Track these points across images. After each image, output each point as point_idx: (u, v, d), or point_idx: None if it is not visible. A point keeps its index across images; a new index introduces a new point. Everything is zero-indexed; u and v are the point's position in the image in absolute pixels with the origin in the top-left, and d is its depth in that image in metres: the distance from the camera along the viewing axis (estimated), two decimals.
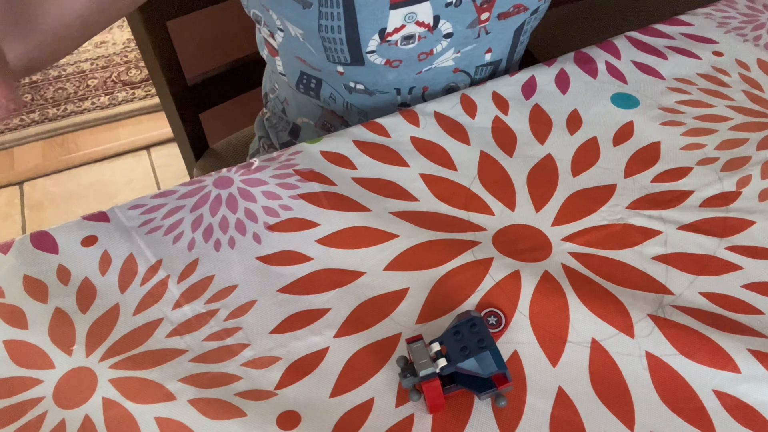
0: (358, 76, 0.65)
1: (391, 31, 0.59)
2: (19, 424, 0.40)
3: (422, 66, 0.64)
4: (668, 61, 0.66)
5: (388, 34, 0.59)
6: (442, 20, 0.60)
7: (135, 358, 0.43)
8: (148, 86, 2.01)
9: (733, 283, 0.47)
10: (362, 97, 0.68)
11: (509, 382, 0.39)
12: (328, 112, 0.72)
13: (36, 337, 0.44)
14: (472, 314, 0.41)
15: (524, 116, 0.60)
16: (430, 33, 0.61)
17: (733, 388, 0.41)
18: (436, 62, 0.65)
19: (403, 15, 0.58)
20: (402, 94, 0.67)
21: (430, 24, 0.60)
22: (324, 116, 0.73)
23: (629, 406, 0.40)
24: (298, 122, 0.77)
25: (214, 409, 0.41)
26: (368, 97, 0.68)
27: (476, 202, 0.53)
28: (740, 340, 0.43)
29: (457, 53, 0.65)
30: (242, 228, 0.51)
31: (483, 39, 0.65)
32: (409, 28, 0.60)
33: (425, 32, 0.61)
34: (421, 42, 0.61)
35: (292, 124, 0.78)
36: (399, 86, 0.66)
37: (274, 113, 0.81)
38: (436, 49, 0.63)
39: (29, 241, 0.50)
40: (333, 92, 0.69)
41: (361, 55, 0.61)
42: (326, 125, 0.74)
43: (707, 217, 0.51)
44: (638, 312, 0.45)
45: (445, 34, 0.62)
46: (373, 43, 0.60)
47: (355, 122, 0.71)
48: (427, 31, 0.61)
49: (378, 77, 0.65)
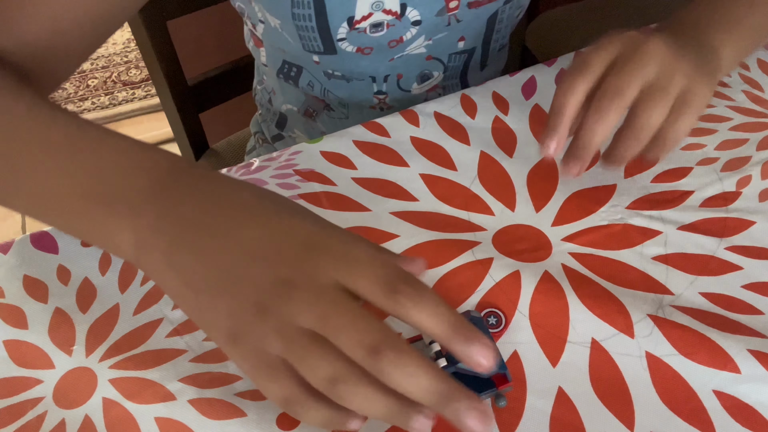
0: (333, 64, 0.66)
1: (359, 19, 0.60)
2: (19, 424, 0.40)
3: (394, 53, 0.66)
4: None
5: (356, 21, 0.60)
6: (409, 8, 0.61)
7: (135, 358, 0.43)
8: (148, 86, 2.01)
9: (733, 283, 0.47)
10: (339, 83, 0.69)
11: (509, 383, 0.39)
12: (310, 98, 0.74)
13: (36, 337, 0.44)
14: (472, 314, 0.41)
15: (524, 116, 0.60)
16: (398, 20, 0.62)
17: (732, 388, 0.41)
18: (407, 49, 0.66)
19: (369, 3, 0.59)
20: (377, 81, 0.69)
21: (397, 12, 0.61)
22: (307, 101, 0.74)
23: (629, 406, 0.40)
24: (284, 110, 0.78)
25: (214, 409, 0.41)
26: (345, 83, 0.69)
27: (476, 202, 0.53)
28: (740, 341, 0.43)
29: (428, 41, 0.66)
30: None
31: (454, 27, 0.66)
32: (376, 16, 0.61)
33: (393, 20, 0.62)
34: (390, 30, 0.62)
35: (279, 113, 0.79)
36: (374, 74, 0.68)
37: (262, 105, 0.82)
38: (405, 37, 0.64)
39: (29, 242, 0.50)
40: (312, 80, 0.70)
41: (333, 44, 0.62)
42: (309, 110, 0.75)
43: (707, 218, 0.51)
44: (638, 312, 0.45)
45: (413, 21, 0.63)
46: (342, 31, 0.61)
47: (335, 106, 0.72)
48: (394, 18, 0.62)
49: (352, 65, 0.66)
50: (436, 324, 0.31)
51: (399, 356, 0.30)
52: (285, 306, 0.31)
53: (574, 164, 0.46)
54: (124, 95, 1.99)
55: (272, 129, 0.82)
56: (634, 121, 0.45)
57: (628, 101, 0.44)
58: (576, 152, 0.46)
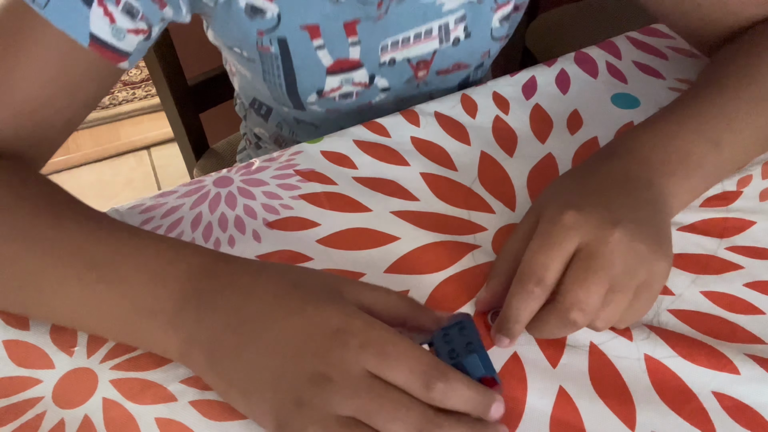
0: (303, 116, 0.68)
1: (328, 91, 0.62)
2: (18, 423, 0.40)
3: (363, 111, 0.67)
4: (669, 60, 0.66)
5: (325, 92, 0.62)
6: (378, 77, 0.63)
7: (136, 360, 0.43)
8: (148, 86, 2.01)
9: (734, 282, 0.47)
10: (308, 128, 0.71)
11: (498, 386, 0.39)
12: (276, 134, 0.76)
13: (37, 338, 0.44)
14: (462, 317, 0.41)
15: (525, 116, 0.60)
16: (366, 89, 0.64)
17: (732, 389, 0.41)
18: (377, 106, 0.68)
19: (339, 79, 0.61)
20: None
21: (366, 83, 0.63)
22: (276, 132, 0.75)
23: (630, 405, 0.40)
24: (256, 131, 0.80)
25: (215, 410, 0.41)
26: (314, 128, 0.71)
27: (477, 202, 0.53)
28: (738, 348, 0.43)
29: (398, 99, 0.68)
30: (241, 226, 0.51)
31: (423, 89, 0.68)
32: (345, 88, 0.63)
33: (362, 90, 0.63)
34: (358, 97, 0.64)
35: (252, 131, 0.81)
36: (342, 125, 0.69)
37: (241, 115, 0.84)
38: (374, 101, 0.66)
39: None
40: (281, 121, 0.72)
41: (303, 105, 0.64)
42: (279, 140, 0.76)
43: (707, 218, 0.51)
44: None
45: (381, 88, 0.64)
46: (312, 98, 0.63)
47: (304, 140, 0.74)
48: (363, 88, 0.63)
49: (321, 117, 0.67)
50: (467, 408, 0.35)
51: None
52: (322, 399, 0.34)
53: (502, 340, 0.42)
54: (124, 95, 1.98)
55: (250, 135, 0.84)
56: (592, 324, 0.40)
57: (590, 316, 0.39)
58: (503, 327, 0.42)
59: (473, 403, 0.35)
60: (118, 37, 0.47)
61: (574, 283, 0.39)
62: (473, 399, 0.35)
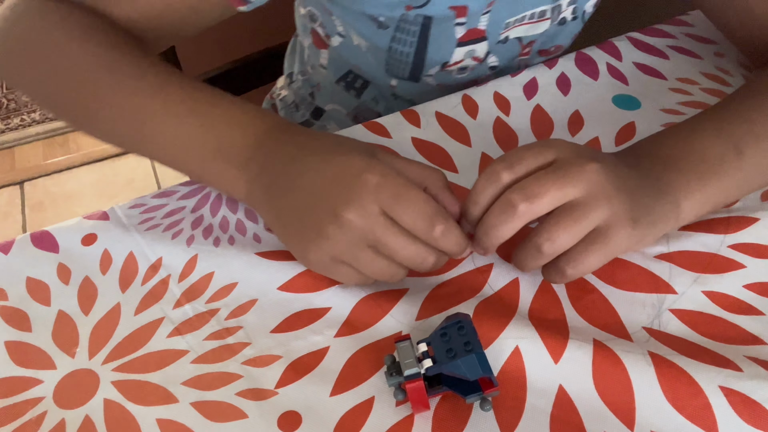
0: (408, 89, 0.70)
1: (451, 64, 0.65)
2: (18, 423, 0.40)
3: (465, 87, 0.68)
4: (670, 60, 0.66)
5: (448, 65, 0.65)
6: (491, 55, 0.66)
7: (138, 361, 0.43)
8: None
9: (735, 283, 0.47)
10: (405, 105, 0.71)
11: (495, 387, 0.39)
12: (364, 108, 0.75)
13: (39, 340, 0.44)
14: (460, 316, 0.40)
15: (526, 117, 0.60)
16: (479, 65, 0.67)
17: (738, 384, 0.41)
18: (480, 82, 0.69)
19: (465, 51, 0.64)
20: None
21: (482, 58, 0.66)
22: (359, 108, 0.75)
23: (631, 404, 0.40)
24: (327, 108, 0.79)
25: (216, 411, 0.41)
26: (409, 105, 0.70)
27: None
28: (738, 350, 0.43)
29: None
30: (242, 228, 0.51)
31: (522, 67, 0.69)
32: (466, 62, 0.66)
33: (476, 65, 0.66)
34: (470, 72, 0.67)
35: (316, 107, 0.80)
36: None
37: (298, 94, 0.82)
38: (480, 78, 0.69)
39: (30, 241, 0.50)
40: (378, 96, 0.73)
41: (420, 76, 0.67)
42: (358, 117, 0.77)
43: (710, 218, 0.51)
44: (634, 324, 0.45)
45: (491, 65, 0.67)
46: (433, 70, 0.66)
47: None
48: (477, 63, 0.66)
49: (426, 95, 0.68)
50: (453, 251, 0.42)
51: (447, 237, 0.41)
52: (340, 232, 0.41)
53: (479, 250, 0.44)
54: None
55: (298, 117, 0.83)
56: (534, 238, 0.41)
57: (535, 214, 0.41)
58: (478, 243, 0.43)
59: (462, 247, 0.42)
60: None
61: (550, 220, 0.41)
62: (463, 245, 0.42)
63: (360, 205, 0.40)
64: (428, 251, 0.41)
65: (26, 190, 1.77)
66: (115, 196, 1.72)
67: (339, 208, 0.40)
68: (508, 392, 0.41)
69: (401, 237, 0.41)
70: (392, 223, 0.41)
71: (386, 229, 0.40)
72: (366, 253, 0.41)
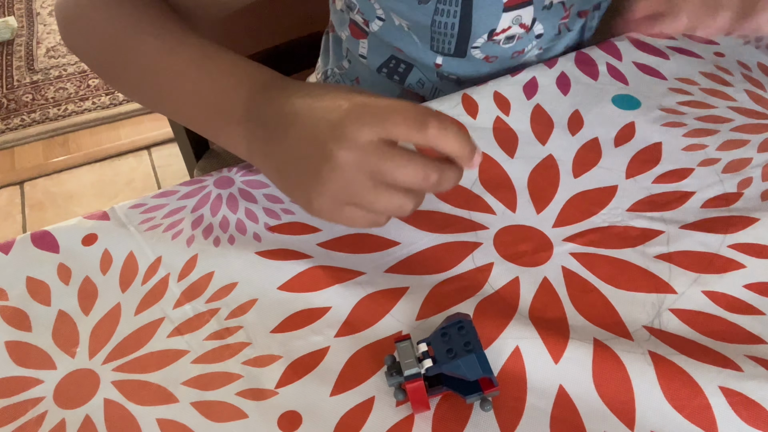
0: (455, 67, 0.69)
1: (498, 32, 0.64)
2: (19, 423, 0.40)
3: (512, 63, 0.69)
4: (670, 60, 0.66)
5: (495, 33, 0.64)
6: (537, 22, 0.65)
7: (138, 361, 0.43)
8: None
9: (736, 283, 0.47)
10: (450, 85, 0.71)
11: (495, 387, 0.39)
12: (409, 93, 0.75)
13: (39, 340, 0.44)
14: (461, 316, 0.41)
15: (526, 117, 0.60)
16: (526, 33, 0.65)
17: (738, 384, 0.41)
18: (523, 59, 0.69)
19: (511, 17, 0.63)
20: None
21: (528, 25, 0.65)
22: (402, 96, 0.75)
23: (631, 404, 0.40)
24: None
25: (216, 411, 0.41)
26: (456, 85, 0.71)
27: (478, 203, 0.53)
28: (737, 348, 0.43)
29: (540, 50, 0.70)
30: (242, 228, 0.51)
31: (563, 35, 0.70)
32: (513, 30, 0.64)
33: (523, 33, 0.65)
34: (517, 42, 0.66)
35: None
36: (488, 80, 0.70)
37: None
38: (526, 48, 0.67)
39: (30, 241, 0.50)
40: (423, 78, 0.72)
41: (466, 50, 0.66)
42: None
43: (709, 217, 0.51)
44: (634, 324, 0.45)
45: (536, 35, 0.66)
46: (480, 41, 0.64)
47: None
48: (524, 32, 0.65)
49: (473, 70, 0.69)
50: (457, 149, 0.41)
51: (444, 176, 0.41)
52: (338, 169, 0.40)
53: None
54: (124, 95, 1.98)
55: None
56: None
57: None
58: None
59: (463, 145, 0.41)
60: None
61: None
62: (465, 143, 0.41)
63: (350, 138, 0.40)
64: (429, 166, 0.41)
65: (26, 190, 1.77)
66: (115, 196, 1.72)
67: (330, 145, 0.40)
68: (508, 392, 0.41)
69: (397, 157, 0.40)
70: (386, 147, 0.40)
71: (381, 153, 0.40)
72: (367, 187, 0.41)
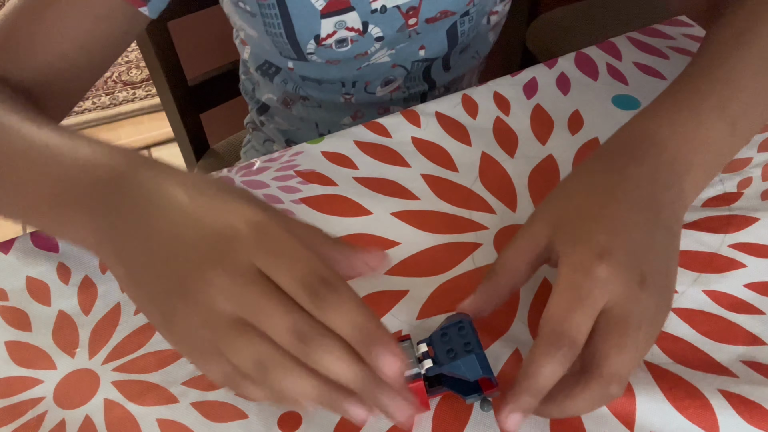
0: (306, 70, 0.71)
1: (324, 37, 0.64)
2: (19, 423, 0.40)
3: (360, 63, 0.69)
4: (670, 60, 0.66)
5: (322, 39, 0.64)
6: (371, 25, 0.65)
7: (138, 361, 0.43)
8: (148, 86, 2.01)
9: (736, 282, 0.47)
10: (312, 85, 0.73)
11: (495, 387, 0.39)
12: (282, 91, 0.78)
13: (39, 340, 0.44)
14: (461, 316, 0.40)
15: (525, 116, 0.60)
16: (361, 36, 0.65)
17: (736, 388, 0.41)
18: (372, 59, 0.69)
19: (333, 23, 0.63)
20: (346, 87, 0.73)
21: (360, 29, 0.64)
22: (285, 93, 0.78)
23: (631, 405, 0.40)
24: (265, 99, 0.82)
25: (216, 411, 0.41)
26: (317, 85, 0.73)
27: (478, 203, 0.53)
28: (734, 352, 0.43)
29: (391, 50, 0.69)
30: None
31: (415, 39, 0.69)
32: (340, 34, 0.64)
33: (356, 36, 0.65)
34: (354, 45, 0.66)
35: (261, 102, 0.82)
36: (343, 80, 0.72)
37: (246, 93, 0.85)
38: (370, 50, 0.68)
39: (30, 240, 0.50)
40: (287, 78, 0.74)
41: (304, 56, 0.66)
42: (286, 100, 0.79)
43: (710, 216, 0.51)
44: None
45: (376, 37, 0.66)
46: (310, 47, 0.65)
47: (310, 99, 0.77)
48: (358, 35, 0.65)
49: (322, 72, 0.70)
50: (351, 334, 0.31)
51: (321, 341, 0.31)
52: (206, 291, 0.32)
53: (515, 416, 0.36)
54: (124, 95, 1.99)
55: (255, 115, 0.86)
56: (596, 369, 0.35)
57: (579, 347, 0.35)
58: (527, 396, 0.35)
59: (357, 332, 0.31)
60: None
61: (611, 349, 0.35)
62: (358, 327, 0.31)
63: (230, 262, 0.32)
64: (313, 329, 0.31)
65: None
66: None
67: (205, 263, 0.32)
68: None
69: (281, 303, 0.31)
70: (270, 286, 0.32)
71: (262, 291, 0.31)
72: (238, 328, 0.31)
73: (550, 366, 0.35)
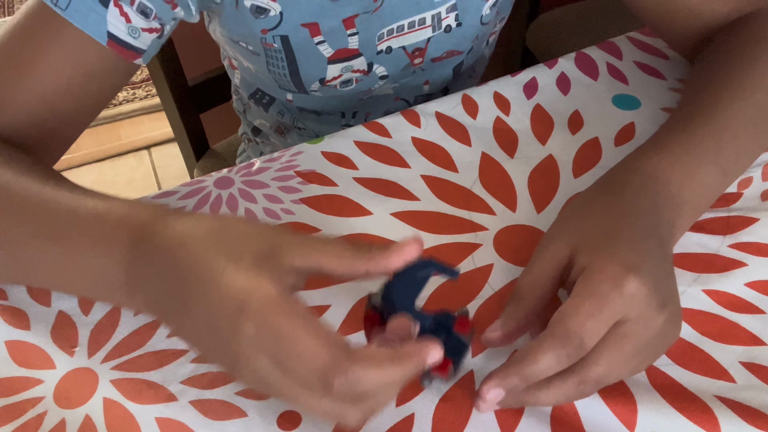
0: (305, 102, 0.69)
1: (329, 79, 0.64)
2: (19, 423, 0.40)
3: (363, 96, 0.69)
4: (670, 60, 0.66)
5: (327, 81, 0.64)
6: (376, 65, 0.65)
7: (137, 360, 0.43)
8: (148, 86, 2.01)
9: (737, 281, 0.47)
10: (310, 116, 0.72)
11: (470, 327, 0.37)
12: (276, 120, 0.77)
13: (38, 339, 0.44)
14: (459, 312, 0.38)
15: (526, 116, 0.60)
16: (366, 76, 0.65)
17: (733, 394, 0.41)
18: (375, 92, 0.69)
19: (340, 68, 0.63)
20: (346, 117, 0.73)
21: (365, 70, 0.64)
22: (278, 121, 0.77)
23: (632, 405, 0.40)
24: (257, 124, 0.81)
25: (215, 409, 0.41)
26: (315, 116, 0.72)
27: (478, 203, 0.53)
28: (734, 352, 0.43)
29: (395, 84, 0.69)
30: None
31: (419, 74, 0.69)
32: (346, 75, 0.64)
33: (361, 76, 0.65)
34: (358, 84, 0.66)
35: (253, 125, 0.82)
36: (343, 111, 0.71)
37: (239, 112, 0.85)
38: (373, 88, 0.68)
39: None
40: (283, 109, 0.74)
41: (306, 91, 0.66)
42: (280, 128, 0.78)
43: (709, 217, 0.51)
44: None
45: (380, 76, 0.66)
46: (315, 86, 0.65)
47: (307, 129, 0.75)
48: (363, 75, 0.65)
49: (323, 103, 0.69)
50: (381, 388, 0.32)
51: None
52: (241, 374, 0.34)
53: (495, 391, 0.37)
54: (124, 95, 1.98)
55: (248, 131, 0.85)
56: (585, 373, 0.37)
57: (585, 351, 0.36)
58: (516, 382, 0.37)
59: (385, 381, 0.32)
60: (134, 35, 0.50)
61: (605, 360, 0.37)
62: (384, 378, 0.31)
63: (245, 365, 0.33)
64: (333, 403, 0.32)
65: None
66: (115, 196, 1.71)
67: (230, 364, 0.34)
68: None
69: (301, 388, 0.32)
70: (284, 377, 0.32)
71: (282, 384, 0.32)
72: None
73: (550, 361, 0.36)
